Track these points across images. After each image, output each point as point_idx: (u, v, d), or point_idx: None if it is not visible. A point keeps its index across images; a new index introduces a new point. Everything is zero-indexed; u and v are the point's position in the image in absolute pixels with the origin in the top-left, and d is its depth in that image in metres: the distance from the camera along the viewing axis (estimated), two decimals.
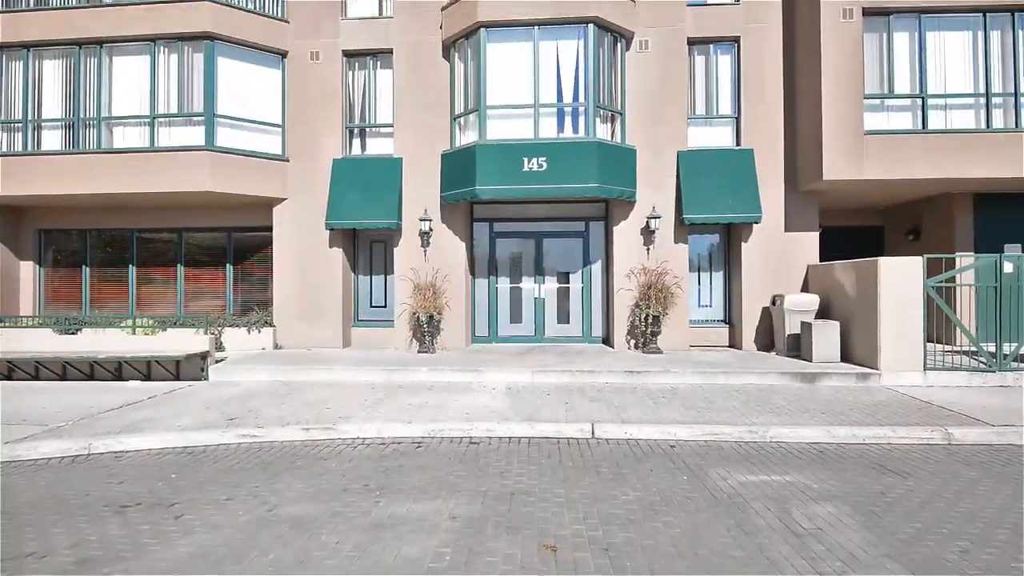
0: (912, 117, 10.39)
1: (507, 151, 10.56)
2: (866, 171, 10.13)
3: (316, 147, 11.94)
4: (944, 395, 7.95)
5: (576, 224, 12.11)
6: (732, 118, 11.49)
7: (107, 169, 11.26)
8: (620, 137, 11.19)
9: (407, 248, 11.72)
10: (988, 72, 10.26)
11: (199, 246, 12.96)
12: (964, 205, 11.50)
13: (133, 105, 11.52)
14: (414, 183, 11.64)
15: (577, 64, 10.73)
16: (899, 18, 10.36)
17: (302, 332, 11.84)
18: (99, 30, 11.38)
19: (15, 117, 11.73)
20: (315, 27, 11.91)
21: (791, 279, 11.19)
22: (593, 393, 8.17)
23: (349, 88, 12.18)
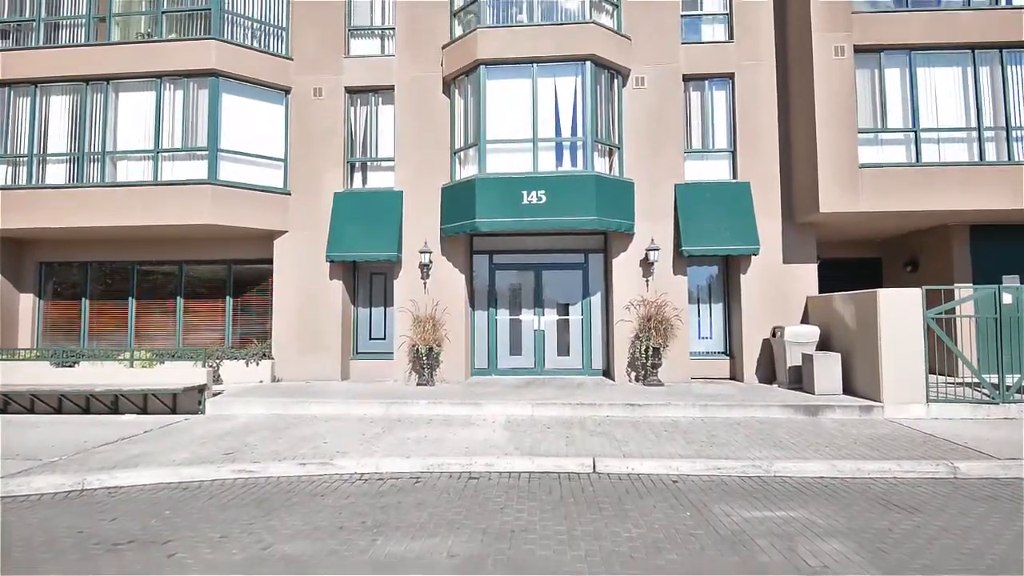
0: (906, 150, 10.54)
1: (506, 184, 10.68)
2: (862, 203, 10.24)
3: (318, 181, 12.07)
4: (948, 428, 7.87)
5: (575, 256, 12.17)
6: (728, 152, 11.65)
7: (110, 202, 11.35)
8: (618, 171, 11.33)
9: (407, 280, 11.75)
10: (979, 106, 10.45)
11: (199, 278, 12.99)
12: (961, 237, 11.58)
13: (137, 139, 11.67)
14: (414, 216, 11.73)
15: (575, 100, 10.94)
16: (890, 55, 10.60)
17: (301, 364, 11.78)
18: (106, 67, 11.61)
19: (21, 151, 11.88)
20: (318, 65, 12.17)
21: (791, 311, 11.20)
22: (594, 426, 8.09)
23: (351, 123, 12.38)
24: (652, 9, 11.52)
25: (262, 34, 12.18)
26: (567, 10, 11.12)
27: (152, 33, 11.91)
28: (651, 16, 11.51)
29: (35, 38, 12.06)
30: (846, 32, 10.40)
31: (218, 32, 11.48)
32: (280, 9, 12.30)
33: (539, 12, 11.08)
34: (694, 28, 11.88)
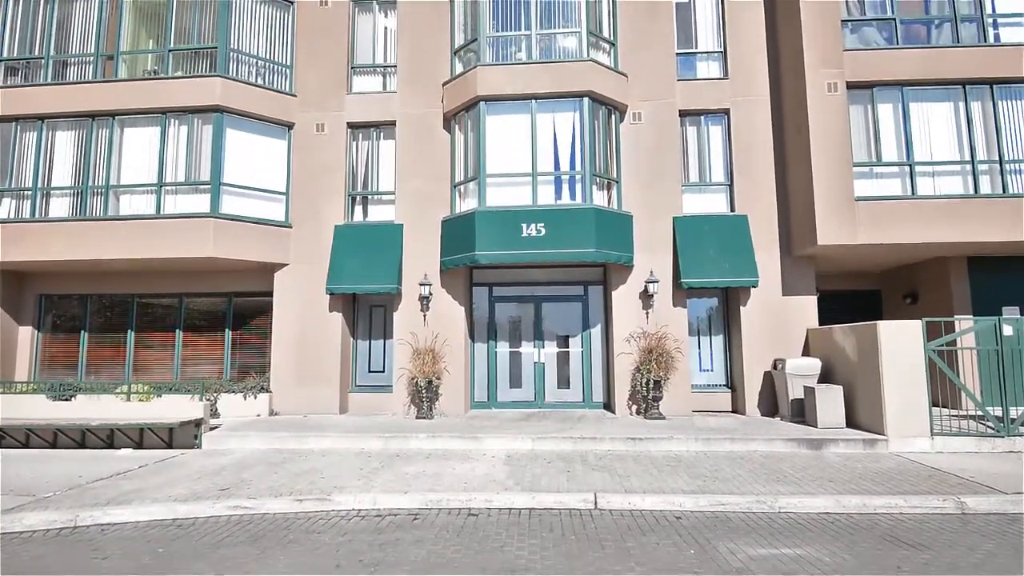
0: (901, 184, 10.66)
1: (506, 217, 10.77)
2: (859, 236, 10.31)
3: (319, 214, 12.17)
4: (953, 461, 7.77)
5: (575, 288, 12.19)
6: (725, 185, 11.79)
7: (113, 235, 11.42)
8: (616, 204, 11.45)
9: (406, 312, 11.74)
10: (972, 140, 10.61)
11: (199, 311, 12.99)
12: (959, 268, 11.62)
13: (141, 173, 11.78)
14: (414, 248, 11.80)
15: (573, 134, 11.11)
16: (882, 91, 10.81)
17: (299, 398, 11.68)
18: (113, 103, 11.81)
19: (25, 185, 11.99)
20: (321, 101, 12.40)
21: (791, 343, 11.16)
22: (595, 461, 7.98)
23: (352, 157, 12.55)
24: (648, 48, 11.80)
25: (267, 71, 12.44)
26: (565, 48, 11.38)
27: (158, 70, 12.15)
28: (647, 54, 11.78)
29: (43, 75, 12.29)
30: (838, 69, 10.63)
31: (223, 69, 11.72)
32: (285, 48, 12.59)
33: (537, 50, 11.34)
34: (689, 65, 12.14)
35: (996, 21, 10.91)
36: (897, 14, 10.93)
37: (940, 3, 11.01)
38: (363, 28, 12.81)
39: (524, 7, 11.42)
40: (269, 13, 12.44)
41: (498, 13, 11.54)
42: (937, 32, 11.01)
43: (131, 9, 12.39)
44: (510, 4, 11.51)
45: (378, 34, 12.82)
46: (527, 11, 11.39)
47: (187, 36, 12.06)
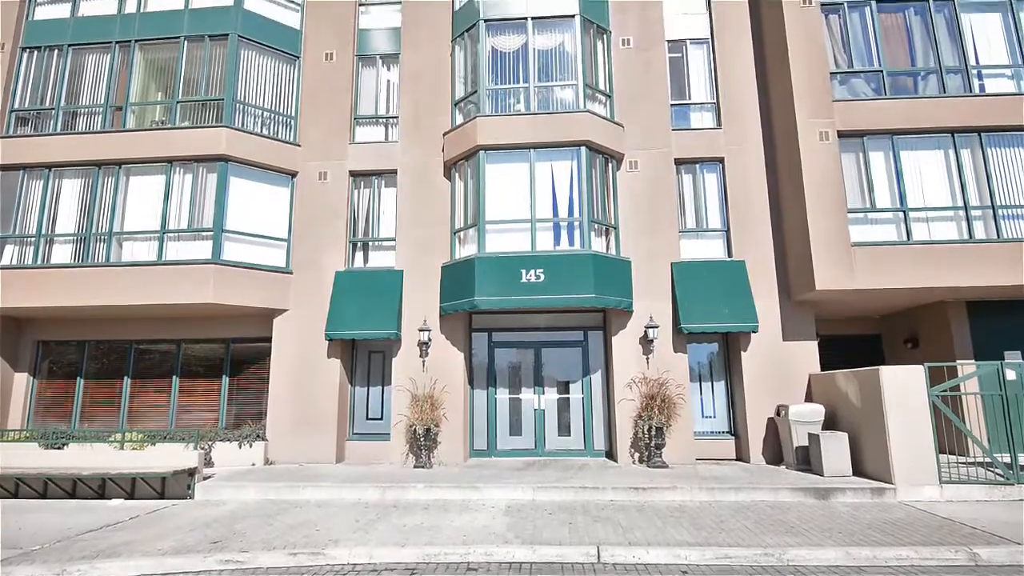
0: (896, 229, 10.78)
1: (505, 263, 10.85)
2: (857, 281, 10.36)
3: (319, 260, 12.25)
4: (964, 510, 7.59)
5: (575, 334, 12.16)
6: (722, 231, 11.91)
7: (114, 281, 11.46)
8: (615, 250, 11.54)
9: (405, 358, 11.68)
10: (963, 186, 10.79)
11: (196, 357, 12.91)
12: (959, 313, 11.62)
13: (145, 221, 11.91)
14: (414, 294, 11.83)
15: (571, 182, 11.30)
16: (873, 139, 11.07)
17: (295, 446, 11.48)
18: (120, 152, 12.05)
19: (29, 231, 12.10)
20: (325, 151, 12.66)
21: (793, 388, 11.06)
22: (597, 512, 7.79)
23: (354, 204, 12.72)
24: (642, 99, 12.13)
25: (272, 122, 12.74)
26: (562, 100, 11.70)
27: (166, 121, 12.46)
28: (642, 105, 12.11)
29: (53, 125, 12.57)
30: (829, 119, 10.91)
31: (229, 120, 12.00)
32: (290, 100, 12.94)
33: (535, 102, 11.65)
34: (683, 115, 12.46)
35: (980, 72, 11.25)
36: (884, 66, 11.28)
37: (925, 56, 11.38)
38: (366, 81, 13.21)
39: (522, 61, 11.80)
40: (275, 67, 12.84)
41: (497, 67, 11.92)
42: (923, 83, 11.34)
43: (141, 62, 12.78)
44: (509, 58, 11.90)
45: (381, 86, 13.20)
46: (525, 65, 11.77)
47: (195, 88, 12.40)
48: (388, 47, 13.21)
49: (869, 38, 11.45)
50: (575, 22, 11.79)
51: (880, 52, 11.33)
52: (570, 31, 11.80)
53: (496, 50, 11.97)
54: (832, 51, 11.48)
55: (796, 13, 11.34)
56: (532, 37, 11.80)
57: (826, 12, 11.56)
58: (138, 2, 12.89)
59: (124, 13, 12.85)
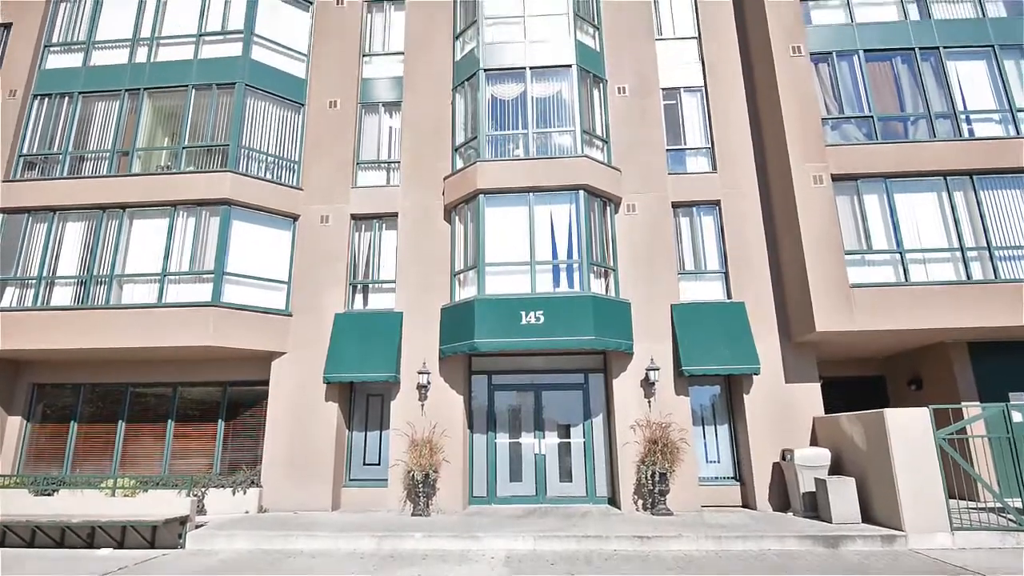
0: (894, 270, 10.83)
1: (505, 305, 10.85)
2: (857, 322, 10.34)
3: (319, 302, 12.25)
4: (978, 559, 7.37)
5: (575, 376, 12.06)
6: (721, 273, 11.96)
7: (114, 324, 11.42)
8: (614, 292, 11.56)
9: (404, 402, 11.54)
10: (958, 228, 10.88)
11: (193, 400, 12.76)
12: (961, 354, 11.55)
13: (146, 263, 11.94)
14: (413, 337, 11.78)
15: (570, 225, 11.41)
16: (866, 182, 11.23)
17: (290, 493, 11.23)
18: (124, 196, 12.18)
19: (31, 274, 12.13)
20: (327, 194, 12.83)
21: (798, 432, 10.90)
22: (601, 562, 7.56)
23: (355, 247, 12.81)
24: (639, 145, 12.36)
25: (276, 167, 12.94)
26: (560, 145, 11.93)
27: (171, 165, 12.64)
28: (638, 151, 12.33)
29: (60, 169, 12.74)
30: (822, 163, 11.11)
31: (234, 165, 12.19)
32: (294, 145, 13.19)
33: (534, 147, 11.87)
34: (679, 160, 12.68)
35: (968, 117, 11.49)
36: (874, 112, 11.54)
37: (914, 101, 11.65)
38: (369, 127, 13.49)
39: (521, 108, 12.09)
40: (280, 114, 13.13)
41: (496, 113, 12.20)
42: (914, 128, 11.58)
43: (149, 109, 13.05)
44: (508, 105, 12.20)
45: (383, 132, 13.48)
46: (524, 112, 12.05)
47: (201, 134, 12.65)
48: (390, 95, 13.55)
49: (859, 85, 11.75)
50: (572, 71, 12.13)
51: (870, 98, 11.62)
52: (567, 80, 12.13)
53: (495, 98, 12.28)
54: (823, 98, 11.77)
55: (786, 62, 11.68)
56: (530, 86, 12.12)
57: (815, 61, 11.90)
58: (149, 52, 13.25)
59: (135, 62, 13.19)
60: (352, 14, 13.92)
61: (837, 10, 12.25)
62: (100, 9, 13.70)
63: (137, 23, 13.42)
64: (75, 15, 13.83)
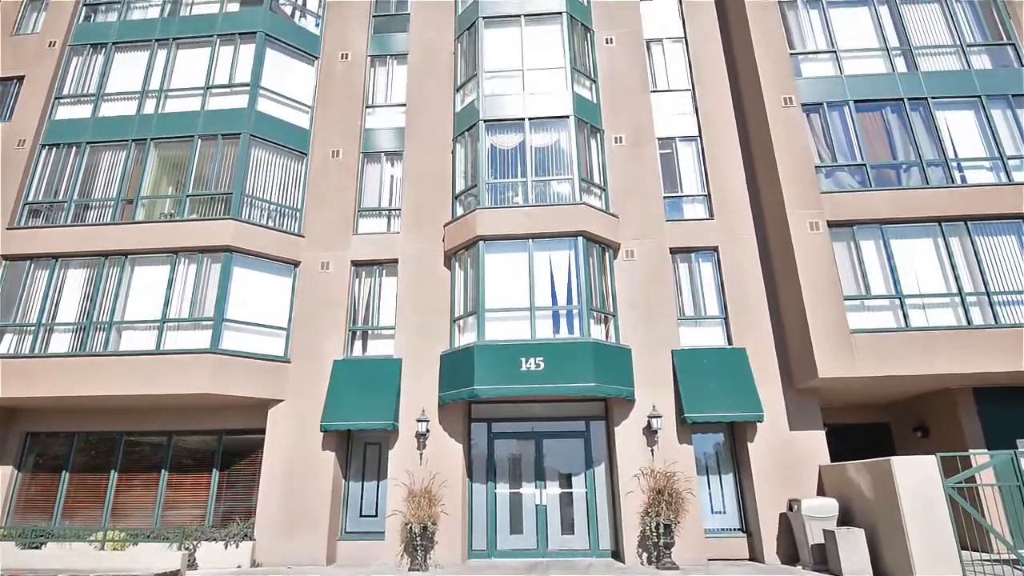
0: (894, 316, 10.82)
1: (505, 351, 10.80)
2: (858, 369, 10.27)
3: (318, 349, 12.20)
4: None
5: (576, 424, 11.89)
6: (721, 319, 11.96)
7: (111, 371, 11.36)
8: (615, 337, 11.53)
9: (402, 450, 11.35)
10: (956, 273, 10.92)
11: (187, 449, 12.56)
12: (966, 400, 11.41)
13: (146, 310, 11.95)
14: (412, 384, 11.68)
15: (569, 271, 11.48)
16: (862, 228, 11.35)
17: (284, 547, 10.92)
18: (127, 243, 12.30)
19: (30, 320, 12.10)
20: (328, 241, 12.94)
21: (804, 481, 10.68)
22: None
23: (355, 294, 12.84)
24: (636, 192, 12.56)
25: (278, 214, 13.10)
26: (559, 193, 12.12)
27: (175, 213, 12.78)
28: (636, 198, 12.51)
29: (64, 217, 12.89)
30: (818, 209, 11.25)
31: (237, 212, 12.34)
32: (296, 193, 13.38)
33: (533, 195, 12.05)
34: (676, 207, 12.85)
35: (960, 164, 11.68)
36: (867, 160, 11.75)
37: (905, 150, 11.87)
38: (370, 176, 13.73)
39: (520, 157, 12.34)
40: (284, 163, 13.38)
41: (496, 162, 12.44)
42: (906, 175, 11.75)
43: (155, 158, 13.27)
44: (507, 155, 12.46)
45: (384, 180, 13.71)
46: (523, 161, 12.29)
47: (205, 182, 12.85)
48: (392, 145, 13.84)
49: (850, 134, 12.01)
50: (570, 122, 12.43)
51: (862, 147, 11.85)
52: (565, 130, 12.42)
53: (495, 147, 12.54)
54: (815, 146, 12.00)
55: (778, 112, 11.98)
56: (529, 136, 12.40)
57: (807, 111, 12.20)
58: (157, 104, 13.59)
59: (143, 114, 13.50)
60: (356, 68, 14.36)
61: (826, 63, 12.64)
62: (111, 63, 14.14)
63: (147, 76, 13.82)
64: (87, 68, 14.25)
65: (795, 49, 12.72)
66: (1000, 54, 12.48)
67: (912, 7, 12.93)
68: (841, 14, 12.97)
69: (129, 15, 14.68)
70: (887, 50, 12.55)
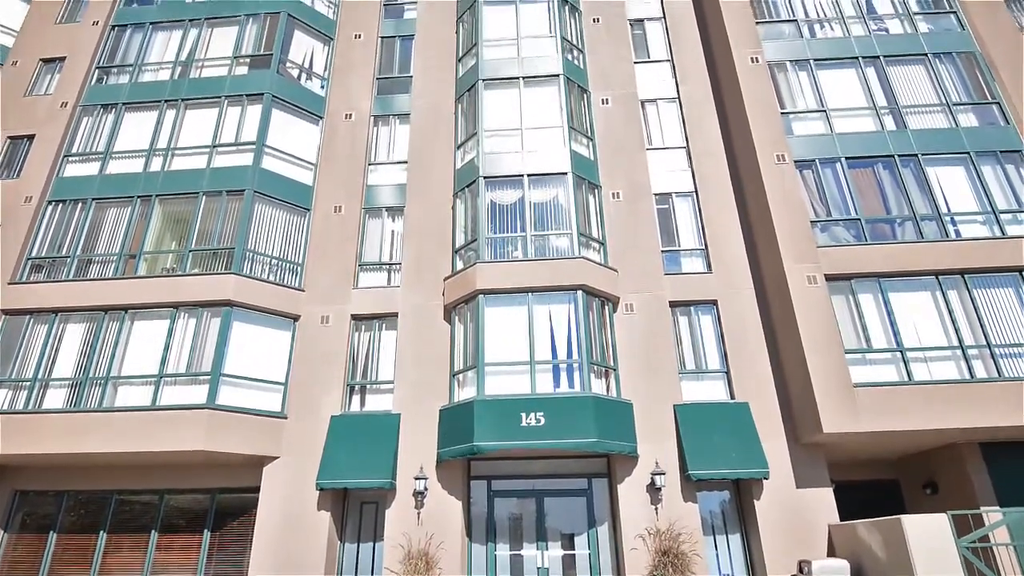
0: (896, 369, 10.75)
1: (505, 406, 10.68)
2: (863, 424, 10.13)
3: (316, 404, 12.05)
4: None
5: (578, 481, 11.63)
6: (722, 372, 11.87)
7: (106, 428, 11.20)
8: (616, 392, 11.42)
9: (399, 510, 11.05)
10: (956, 326, 10.91)
11: (179, 509, 12.24)
12: (974, 455, 11.17)
13: (143, 365, 11.87)
14: (411, 440, 11.49)
15: (569, 325, 11.48)
16: (860, 282, 11.41)
17: None
18: (128, 298, 12.32)
19: (26, 375, 11.99)
20: (328, 296, 12.98)
21: (814, 541, 10.37)
22: None
23: (354, 347, 12.79)
24: (634, 246, 12.70)
25: (279, 268, 13.18)
26: (558, 247, 12.25)
27: (176, 268, 12.86)
28: (634, 252, 12.64)
29: (66, 272, 12.93)
30: (815, 263, 11.35)
31: (238, 267, 12.41)
32: (298, 248, 13.51)
33: (532, 249, 12.18)
34: (674, 261, 12.95)
35: (953, 218, 11.85)
36: (860, 214, 11.93)
37: (898, 204, 12.06)
38: (372, 231, 13.90)
39: (519, 212, 12.54)
40: (286, 218, 13.56)
41: (496, 217, 12.63)
42: (901, 229, 11.89)
43: (159, 214, 13.43)
44: (506, 210, 12.66)
45: (385, 235, 13.87)
46: (522, 216, 12.49)
47: (208, 237, 12.97)
48: (393, 200, 14.07)
49: (843, 189, 12.23)
50: (568, 178, 12.69)
51: (856, 202, 12.05)
52: (563, 186, 12.66)
53: (495, 203, 12.76)
54: (810, 201, 12.20)
55: (772, 169, 12.24)
56: (528, 191, 12.63)
57: (800, 168, 12.46)
58: (163, 161, 13.87)
59: (149, 171, 13.76)
60: (360, 127, 14.76)
61: (816, 122, 13.01)
62: (121, 122, 14.51)
63: (155, 135, 14.15)
64: (97, 127, 14.60)
65: (786, 108, 13.12)
66: (986, 112, 12.84)
67: (898, 68, 13.40)
68: (829, 75, 13.43)
69: (140, 77, 15.16)
70: (875, 108, 12.93)
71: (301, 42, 15.48)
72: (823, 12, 14.28)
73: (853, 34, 13.84)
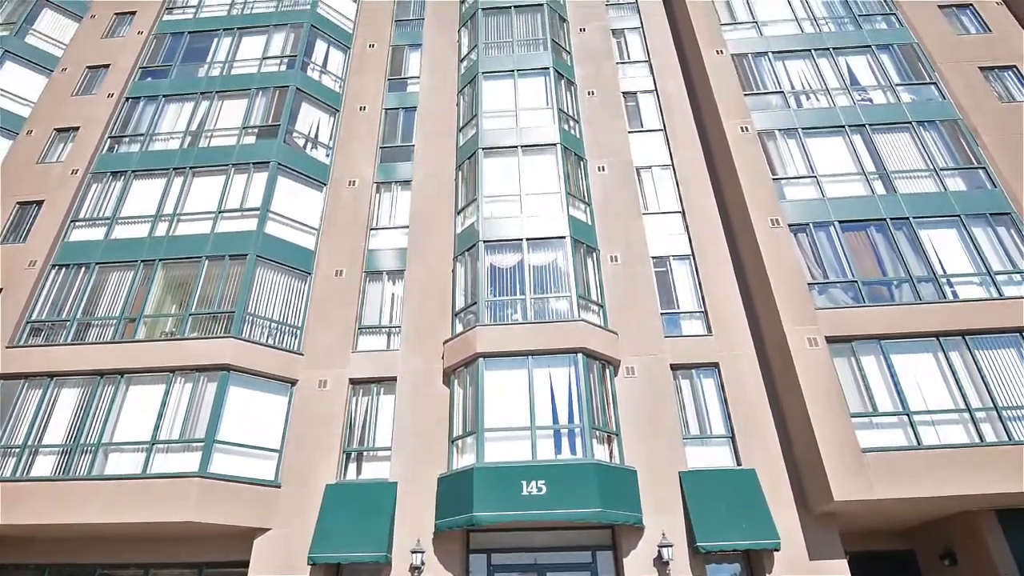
0: (904, 434, 10.52)
1: (505, 474, 10.39)
2: (875, 491, 9.83)
3: (311, 472, 11.71)
4: None
5: (583, 555, 11.13)
6: (727, 437, 11.62)
7: (93, 497, 10.82)
8: (619, 458, 11.14)
9: None
10: (961, 388, 10.76)
11: None
12: (991, 523, 10.76)
13: (136, 431, 11.59)
14: (408, 510, 11.09)
15: (570, 388, 11.33)
16: (861, 344, 11.35)
17: None
18: (125, 362, 12.19)
19: (16, 442, 11.68)
20: (327, 359, 12.87)
21: None
22: None
23: (351, 412, 12.56)
24: (633, 309, 12.71)
25: (278, 332, 13.12)
26: (557, 310, 12.27)
27: (175, 332, 12.80)
28: (633, 315, 12.65)
29: (65, 335, 12.86)
30: (814, 325, 11.33)
31: (237, 331, 12.36)
32: (298, 311, 13.50)
33: (532, 312, 12.20)
34: (674, 323, 12.94)
35: (949, 280, 11.92)
36: (857, 276, 12.01)
37: (894, 266, 12.16)
38: (372, 294, 13.95)
39: (519, 276, 12.65)
40: (287, 282, 13.63)
41: (495, 280, 12.74)
42: (898, 291, 11.95)
43: (161, 278, 13.47)
44: (506, 273, 12.78)
45: (385, 299, 13.91)
46: (521, 279, 12.59)
47: (209, 301, 12.98)
48: (394, 264, 14.20)
49: (839, 253, 12.37)
50: (566, 242, 12.87)
51: (851, 264, 12.16)
52: (562, 250, 12.82)
53: (494, 266, 12.88)
54: (806, 264, 12.32)
55: (767, 233, 12.43)
56: (527, 255, 12.78)
57: (794, 231, 12.66)
58: (168, 226, 14.08)
59: (154, 236, 13.95)
60: (362, 193, 15.09)
61: (808, 187, 13.33)
62: (129, 189, 14.84)
63: (162, 201, 14.44)
64: (105, 193, 14.92)
65: (777, 174, 13.48)
66: (973, 176, 13.17)
67: (884, 135, 13.84)
68: (817, 143, 13.88)
69: (151, 146, 15.62)
70: (864, 174, 13.28)
71: (308, 114, 16.07)
72: (808, 84, 14.90)
73: (838, 104, 14.38)
